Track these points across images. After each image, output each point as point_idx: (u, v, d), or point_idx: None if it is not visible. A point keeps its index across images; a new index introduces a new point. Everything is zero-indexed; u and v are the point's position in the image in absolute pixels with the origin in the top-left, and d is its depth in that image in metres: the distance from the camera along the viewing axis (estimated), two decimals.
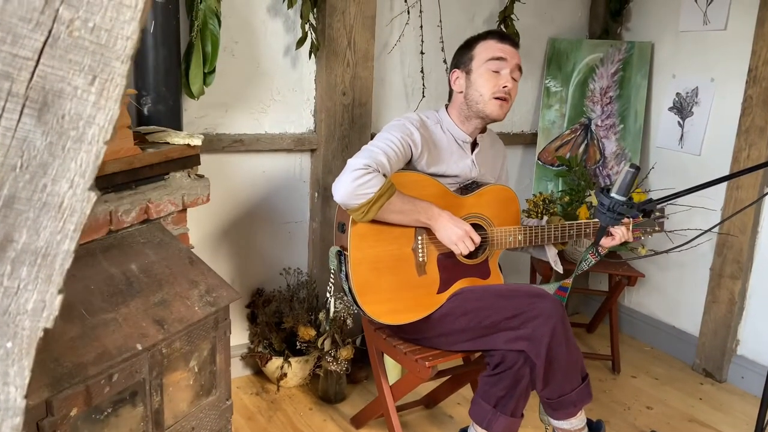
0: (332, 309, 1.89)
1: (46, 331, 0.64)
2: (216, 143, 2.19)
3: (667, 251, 1.89)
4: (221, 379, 1.67)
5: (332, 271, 1.76)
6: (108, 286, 1.40)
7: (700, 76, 2.71)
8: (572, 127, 2.95)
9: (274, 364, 2.36)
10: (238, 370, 2.50)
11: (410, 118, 1.81)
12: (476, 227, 1.81)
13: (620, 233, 1.78)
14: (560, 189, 2.92)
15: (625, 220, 1.82)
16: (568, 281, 1.93)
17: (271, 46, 2.25)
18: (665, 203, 1.53)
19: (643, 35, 2.96)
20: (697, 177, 2.72)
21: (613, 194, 1.47)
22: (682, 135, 2.80)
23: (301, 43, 2.19)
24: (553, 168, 2.94)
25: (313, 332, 2.25)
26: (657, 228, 1.94)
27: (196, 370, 1.59)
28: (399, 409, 2.26)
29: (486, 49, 1.81)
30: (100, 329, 1.31)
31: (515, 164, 3.05)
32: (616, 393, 2.55)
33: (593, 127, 2.95)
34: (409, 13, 2.41)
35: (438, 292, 1.77)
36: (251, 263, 2.43)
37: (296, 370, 2.37)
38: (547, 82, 2.94)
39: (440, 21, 2.45)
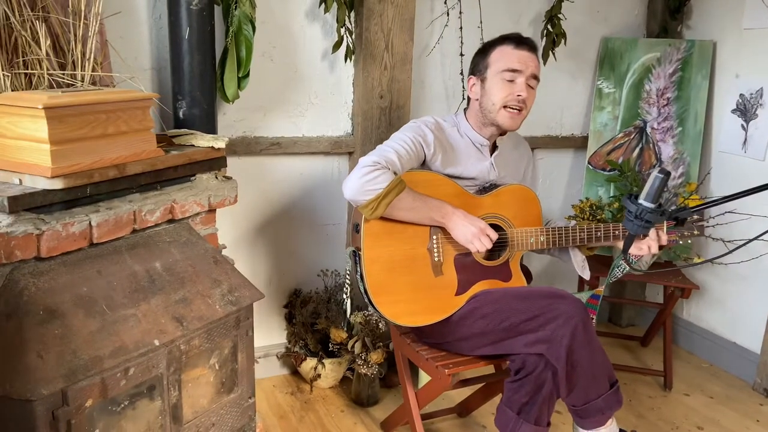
0: (349, 310, 1.88)
1: None
2: (254, 146, 2.23)
3: (711, 260, 1.77)
4: (243, 377, 1.69)
5: (347, 271, 1.76)
6: (131, 283, 1.45)
7: (766, 76, 2.53)
8: (626, 130, 2.82)
9: (309, 364, 2.38)
10: (276, 369, 2.54)
11: (425, 121, 1.82)
12: (495, 228, 1.77)
13: (651, 240, 1.68)
14: (611, 195, 2.80)
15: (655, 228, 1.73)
16: (601, 289, 1.85)
17: (309, 50, 2.27)
18: (700, 209, 1.43)
19: (704, 33, 2.79)
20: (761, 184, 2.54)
21: (640, 201, 1.39)
22: (745, 139, 2.62)
23: (337, 46, 2.20)
24: (605, 173, 2.82)
25: (344, 334, 2.26)
26: (696, 232, 1.82)
27: (217, 367, 1.62)
28: (431, 416, 2.24)
29: (501, 58, 1.77)
30: (119, 324, 1.36)
31: (565, 169, 2.95)
32: (665, 411, 2.41)
33: (649, 130, 2.80)
34: (448, 15, 2.38)
35: (456, 294, 1.73)
36: (289, 264, 2.47)
37: (330, 371, 2.38)
38: (599, 83, 2.83)
39: (480, 22, 2.40)
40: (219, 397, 1.64)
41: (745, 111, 2.61)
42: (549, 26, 2.56)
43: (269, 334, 2.51)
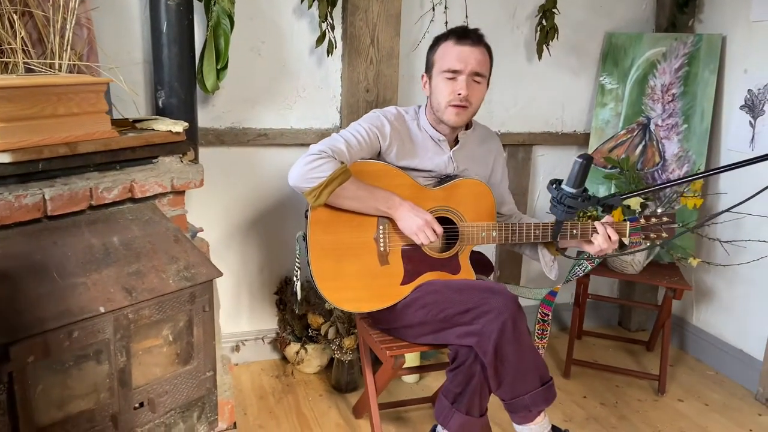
0: (299, 293, 1.93)
1: None
2: (242, 136, 2.34)
3: (655, 245, 1.70)
4: (200, 350, 1.78)
5: (297, 256, 1.81)
6: (85, 254, 1.56)
7: None
8: (628, 126, 2.75)
9: (292, 349, 2.46)
10: (266, 354, 2.63)
11: (387, 111, 1.85)
12: (445, 221, 1.78)
13: (600, 237, 1.65)
14: (611, 192, 2.73)
15: (608, 219, 1.69)
16: (559, 286, 1.82)
17: (297, 45, 2.36)
18: (630, 197, 1.41)
19: (714, 27, 2.69)
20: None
21: (563, 186, 1.39)
22: (753, 136, 2.51)
23: (320, 41, 2.27)
24: (605, 170, 2.76)
25: (320, 320, 2.32)
26: (664, 234, 1.76)
27: (171, 339, 1.71)
28: (405, 404, 2.27)
29: (443, 56, 1.77)
30: (67, 291, 1.47)
31: (567, 166, 2.88)
32: (651, 415, 2.33)
33: (652, 126, 2.73)
34: (434, 10, 2.41)
35: (402, 284, 1.75)
36: (279, 253, 2.55)
37: (313, 356, 2.45)
38: (602, 79, 2.77)
39: (466, 17, 2.41)
40: (173, 367, 1.73)
41: (753, 107, 2.50)
42: (543, 21, 2.54)
43: (261, 319, 2.60)
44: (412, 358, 2.45)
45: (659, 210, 1.80)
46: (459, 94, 1.73)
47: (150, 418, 1.68)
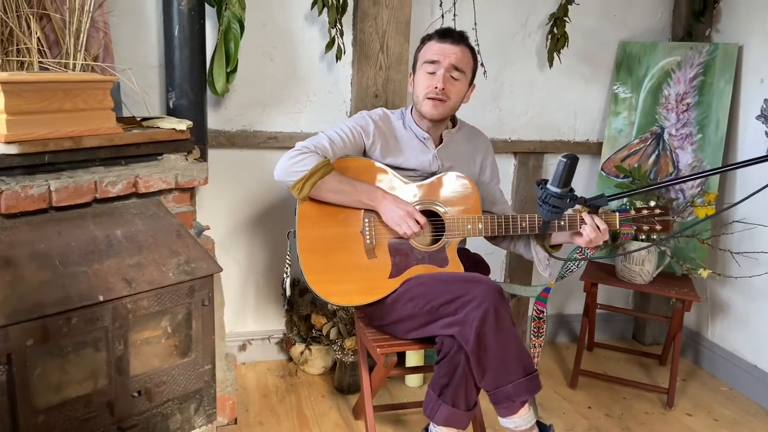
0: (288, 290, 1.96)
1: None
2: (252, 139, 2.39)
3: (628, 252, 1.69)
4: (199, 343, 1.82)
5: (288, 253, 1.85)
6: (88, 245, 1.62)
7: None
8: (642, 136, 2.72)
9: (297, 349, 2.49)
10: (273, 354, 2.66)
11: (373, 112, 1.92)
12: (430, 214, 1.80)
13: (587, 227, 1.65)
14: (624, 202, 2.70)
15: (584, 215, 1.68)
16: (553, 282, 1.82)
17: (308, 51, 2.41)
18: (617, 198, 1.40)
19: (731, 36, 2.66)
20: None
21: (548, 186, 1.39)
22: None
23: (329, 47, 2.32)
24: (617, 179, 2.73)
25: (323, 320, 2.34)
26: (659, 227, 1.72)
27: (169, 330, 1.76)
28: (407, 406, 2.28)
29: (426, 51, 1.85)
30: (68, 279, 1.53)
31: (581, 175, 2.88)
32: (657, 428, 2.29)
33: (666, 136, 2.69)
34: (443, 17, 2.44)
35: (390, 277, 1.77)
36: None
37: (317, 357, 2.47)
38: (615, 87, 2.75)
39: (475, 24, 2.43)
40: (171, 358, 1.77)
41: None
42: (554, 29, 2.55)
43: (267, 319, 2.64)
44: (415, 360, 2.45)
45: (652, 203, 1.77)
46: (436, 88, 1.79)
47: (147, 407, 1.72)
